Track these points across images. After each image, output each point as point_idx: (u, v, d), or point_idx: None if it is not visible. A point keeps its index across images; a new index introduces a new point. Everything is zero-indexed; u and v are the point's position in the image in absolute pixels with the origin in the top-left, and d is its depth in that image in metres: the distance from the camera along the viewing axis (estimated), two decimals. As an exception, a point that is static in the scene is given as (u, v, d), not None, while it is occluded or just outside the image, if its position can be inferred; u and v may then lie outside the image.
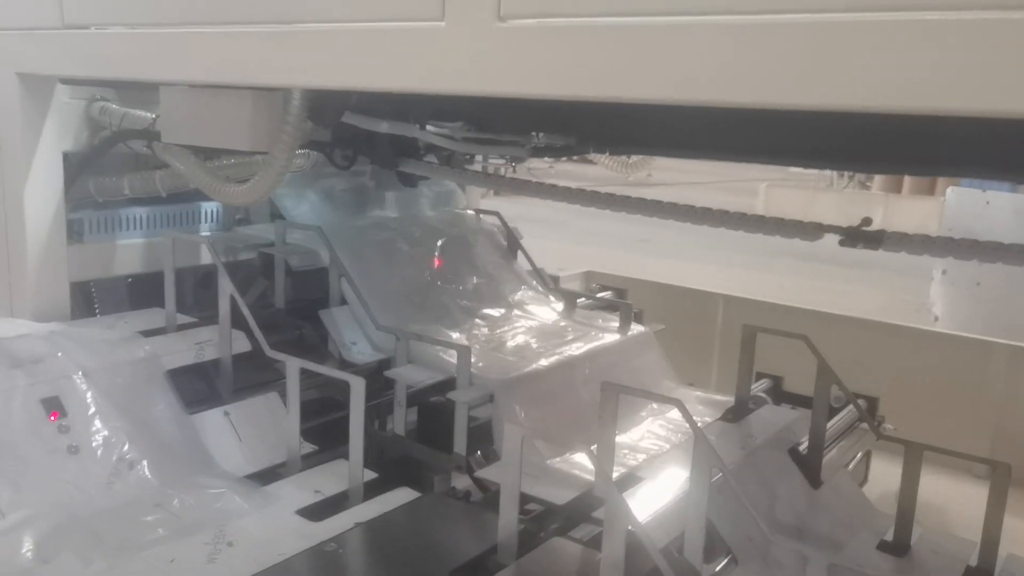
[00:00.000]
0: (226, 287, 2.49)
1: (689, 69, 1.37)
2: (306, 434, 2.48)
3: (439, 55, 1.66)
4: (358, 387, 2.19)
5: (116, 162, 2.96)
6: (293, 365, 2.33)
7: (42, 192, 2.70)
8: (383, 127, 2.49)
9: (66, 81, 2.68)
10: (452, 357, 2.60)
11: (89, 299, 3.00)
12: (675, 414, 3.13)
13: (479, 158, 3.34)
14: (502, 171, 4.15)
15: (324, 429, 2.68)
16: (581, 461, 2.54)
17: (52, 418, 2.15)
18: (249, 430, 2.48)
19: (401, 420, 2.68)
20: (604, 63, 1.46)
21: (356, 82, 1.85)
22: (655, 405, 3.15)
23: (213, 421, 2.44)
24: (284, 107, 2.24)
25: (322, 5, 1.82)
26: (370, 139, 2.77)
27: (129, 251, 3.02)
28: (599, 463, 2.04)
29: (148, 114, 2.67)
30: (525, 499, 2.17)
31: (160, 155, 2.65)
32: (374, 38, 1.75)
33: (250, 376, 2.66)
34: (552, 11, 1.52)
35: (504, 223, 3.58)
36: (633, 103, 1.48)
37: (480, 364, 2.71)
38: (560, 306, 3.44)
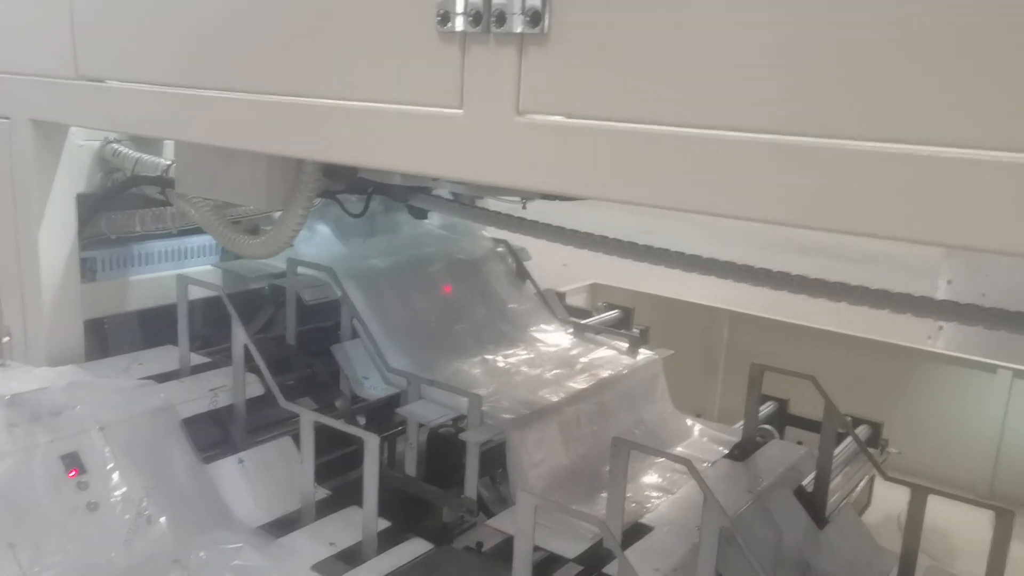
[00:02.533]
0: (240, 336, 2.52)
1: (701, 181, 1.39)
2: (318, 469, 2.51)
3: (456, 142, 1.67)
4: (372, 444, 2.22)
5: (127, 198, 2.97)
6: (307, 418, 2.36)
7: (56, 234, 2.71)
8: (396, 179, 2.51)
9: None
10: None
11: (103, 335, 3.02)
12: (686, 447, 3.18)
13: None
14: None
15: (336, 465, 2.73)
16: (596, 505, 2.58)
17: (72, 475, 2.19)
18: (263, 477, 2.52)
19: (413, 461, 2.71)
20: (619, 166, 1.47)
21: (370, 161, 1.86)
22: (666, 436, 3.20)
23: (228, 469, 2.47)
24: (299, 165, 2.26)
25: (340, 82, 1.83)
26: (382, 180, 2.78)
27: (142, 286, 3.04)
28: (606, 527, 2.07)
29: (161, 160, 2.69)
30: (536, 550, 2.21)
31: (174, 202, 2.67)
32: (391, 119, 1.76)
33: (264, 420, 2.69)
34: (570, 110, 1.53)
35: (512, 250, 3.60)
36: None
37: (493, 398, 2.75)
38: (570, 330, 3.48)
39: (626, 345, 3.31)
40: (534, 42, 1.54)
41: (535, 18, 1.52)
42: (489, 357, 3.08)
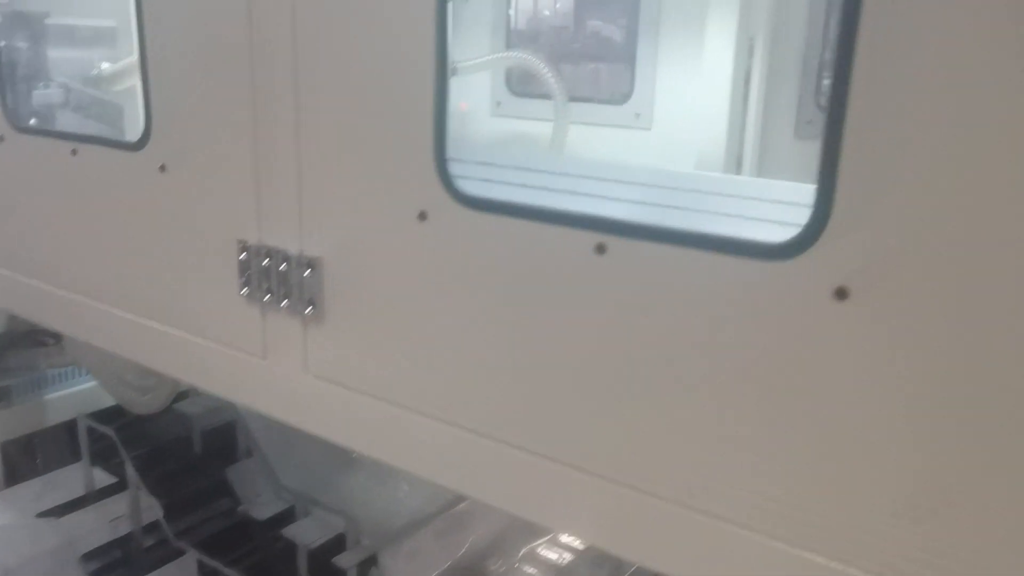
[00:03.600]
0: (134, 478, 2.79)
1: (447, 462, 1.66)
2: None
3: (261, 385, 1.92)
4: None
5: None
6: (192, 557, 2.65)
7: (-33, 380, 2.97)
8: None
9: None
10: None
11: (31, 450, 3.29)
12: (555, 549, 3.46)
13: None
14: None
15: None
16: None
17: (-25, 631, 2.48)
18: (162, 602, 2.81)
19: (304, 570, 3.00)
20: (387, 435, 1.73)
21: (194, 381, 2.12)
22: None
23: (127, 601, 2.77)
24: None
25: (171, 312, 2.07)
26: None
27: (59, 402, 3.29)
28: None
29: (57, 312, 2.92)
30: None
31: (72, 354, 2.92)
32: (213, 353, 2.01)
33: (164, 538, 2.96)
34: (344, 382, 1.78)
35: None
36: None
37: (372, 510, 3.03)
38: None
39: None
40: (314, 320, 1.78)
41: (311, 302, 1.76)
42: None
